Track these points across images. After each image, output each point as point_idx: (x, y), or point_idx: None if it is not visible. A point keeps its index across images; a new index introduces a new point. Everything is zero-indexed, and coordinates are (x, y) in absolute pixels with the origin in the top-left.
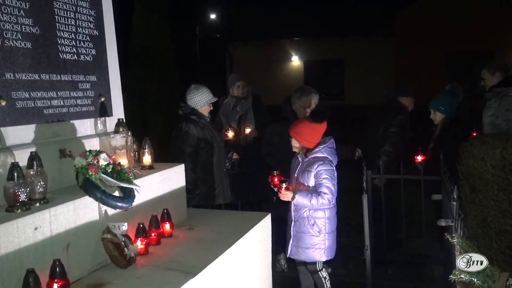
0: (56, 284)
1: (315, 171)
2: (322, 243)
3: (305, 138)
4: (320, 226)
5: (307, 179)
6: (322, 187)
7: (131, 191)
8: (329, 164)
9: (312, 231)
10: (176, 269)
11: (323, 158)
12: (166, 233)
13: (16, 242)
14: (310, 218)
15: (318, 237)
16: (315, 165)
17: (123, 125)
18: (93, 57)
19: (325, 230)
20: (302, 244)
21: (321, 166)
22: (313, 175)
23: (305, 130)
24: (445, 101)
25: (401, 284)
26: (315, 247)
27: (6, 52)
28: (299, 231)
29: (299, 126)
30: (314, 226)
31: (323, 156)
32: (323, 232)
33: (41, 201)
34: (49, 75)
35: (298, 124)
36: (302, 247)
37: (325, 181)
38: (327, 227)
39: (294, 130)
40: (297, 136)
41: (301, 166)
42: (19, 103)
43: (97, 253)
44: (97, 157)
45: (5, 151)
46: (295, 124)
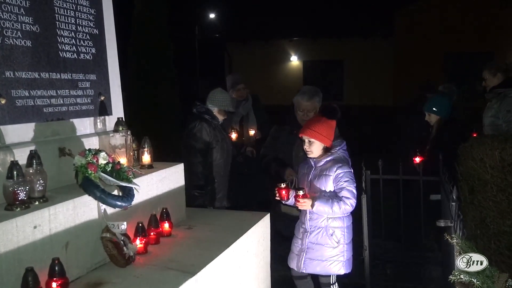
0: (55, 283)
1: (335, 174)
2: (341, 254)
3: (327, 136)
4: (339, 237)
5: (324, 184)
6: (343, 191)
7: (130, 190)
8: (348, 166)
9: (330, 242)
10: (175, 268)
11: (342, 160)
12: (165, 233)
13: (15, 240)
14: (328, 228)
15: (336, 248)
16: (334, 168)
17: (123, 124)
18: (93, 56)
19: (344, 240)
20: (318, 256)
21: (341, 168)
22: (332, 179)
23: (325, 128)
24: (438, 103)
25: (399, 285)
26: (333, 259)
27: (6, 50)
28: (314, 243)
29: (318, 125)
30: (333, 236)
31: (341, 158)
32: (342, 242)
33: (40, 199)
34: (49, 74)
35: (316, 124)
36: (318, 260)
37: (347, 184)
38: (346, 237)
39: (313, 130)
40: (319, 135)
41: (315, 171)
42: (19, 102)
43: (96, 252)
44: (97, 156)
45: (5, 150)
46: (312, 125)
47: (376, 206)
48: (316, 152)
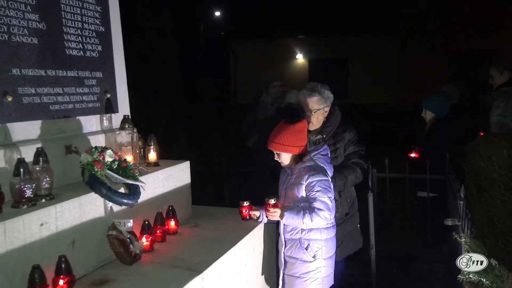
0: (62, 280)
1: (306, 182)
2: (317, 271)
3: (291, 144)
4: (314, 250)
5: (297, 193)
6: (315, 202)
7: (136, 188)
8: (323, 174)
9: (305, 256)
10: (181, 266)
11: (315, 167)
12: (171, 230)
13: (21, 238)
14: (303, 240)
15: (312, 264)
16: (306, 176)
17: (129, 121)
18: (99, 53)
19: (322, 255)
20: (293, 272)
21: (313, 176)
22: (304, 188)
23: (287, 136)
24: (435, 101)
25: (405, 284)
26: (309, 276)
27: (13, 47)
28: (290, 256)
29: (279, 136)
30: (309, 250)
31: (315, 165)
32: (319, 257)
33: (47, 197)
34: (55, 71)
35: (277, 134)
36: (293, 276)
37: (319, 194)
38: (324, 252)
39: (275, 142)
40: (282, 146)
41: (291, 179)
42: (25, 99)
43: (102, 250)
44: (103, 154)
45: (11, 147)
46: (274, 136)
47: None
48: (287, 162)
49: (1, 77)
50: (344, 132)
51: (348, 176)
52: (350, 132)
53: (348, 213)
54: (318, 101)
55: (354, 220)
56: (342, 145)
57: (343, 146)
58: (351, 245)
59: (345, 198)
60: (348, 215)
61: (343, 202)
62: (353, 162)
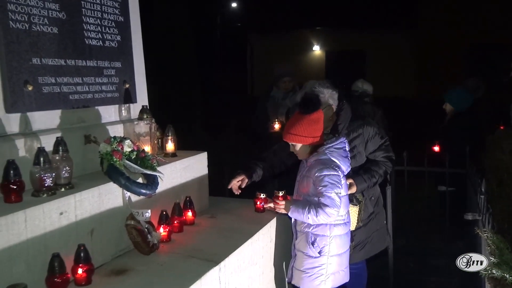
0: (81, 269)
1: (314, 177)
2: (321, 267)
3: (307, 135)
4: (320, 246)
5: (306, 187)
6: (322, 196)
7: (154, 178)
8: (333, 168)
9: (310, 251)
10: (198, 257)
11: (326, 161)
12: (189, 221)
13: (42, 226)
14: (310, 235)
15: (317, 260)
16: (314, 170)
17: (147, 112)
18: (118, 43)
19: (328, 252)
20: (299, 266)
21: (320, 171)
22: (312, 182)
23: (303, 126)
24: (455, 95)
25: (422, 278)
26: (313, 272)
27: (33, 37)
28: (298, 250)
29: (295, 126)
30: (315, 245)
31: (327, 159)
32: (325, 254)
33: (66, 186)
34: (74, 61)
35: (292, 125)
36: (298, 269)
37: (325, 189)
38: (330, 249)
39: (291, 133)
40: (297, 137)
41: (303, 171)
42: (45, 89)
43: (120, 239)
44: (122, 144)
45: (31, 136)
46: (289, 126)
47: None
48: (303, 153)
49: (22, 66)
50: (360, 127)
51: (379, 171)
52: (368, 127)
53: (373, 211)
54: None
55: (379, 218)
56: (361, 142)
57: (362, 143)
58: (377, 245)
59: (369, 196)
60: (373, 213)
61: (367, 202)
62: (383, 157)
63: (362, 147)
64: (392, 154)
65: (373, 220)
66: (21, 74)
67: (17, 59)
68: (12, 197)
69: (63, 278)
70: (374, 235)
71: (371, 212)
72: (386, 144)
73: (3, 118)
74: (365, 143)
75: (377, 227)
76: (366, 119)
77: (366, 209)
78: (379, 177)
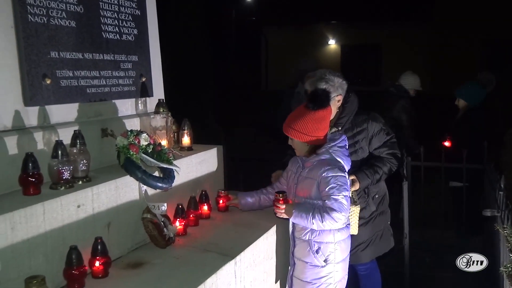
0: (98, 262)
1: (320, 178)
2: (329, 276)
3: (306, 133)
4: (326, 254)
5: (308, 190)
6: (328, 200)
7: (171, 172)
8: (339, 169)
9: (316, 261)
10: (214, 251)
11: (331, 161)
12: (204, 215)
13: (59, 219)
14: (312, 242)
15: (324, 269)
16: (319, 171)
17: (164, 105)
18: (135, 37)
19: (334, 259)
20: (302, 276)
21: (328, 172)
22: (317, 184)
23: (304, 122)
24: (468, 90)
25: (438, 274)
26: (321, 282)
27: (52, 30)
28: (299, 259)
29: (296, 120)
30: (319, 254)
31: (331, 159)
32: (332, 261)
33: (83, 179)
34: (92, 54)
35: (293, 118)
36: (302, 280)
37: (333, 191)
38: (336, 256)
39: (289, 126)
40: (295, 132)
41: (303, 172)
42: (63, 82)
43: (137, 233)
44: (138, 137)
45: (49, 129)
46: (290, 119)
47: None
48: (300, 150)
49: (40, 59)
50: (365, 122)
51: (383, 168)
52: (373, 122)
53: (376, 210)
54: None
55: (384, 218)
56: (364, 137)
57: (365, 138)
58: (381, 246)
59: (372, 194)
60: (375, 212)
61: (369, 200)
62: (388, 153)
63: (366, 143)
64: (397, 151)
65: (377, 219)
66: (39, 67)
67: (36, 53)
68: (31, 190)
69: (81, 271)
70: (379, 234)
71: (373, 211)
72: (392, 141)
73: (22, 111)
74: (369, 139)
75: (381, 227)
76: (371, 114)
77: (368, 208)
78: (382, 173)
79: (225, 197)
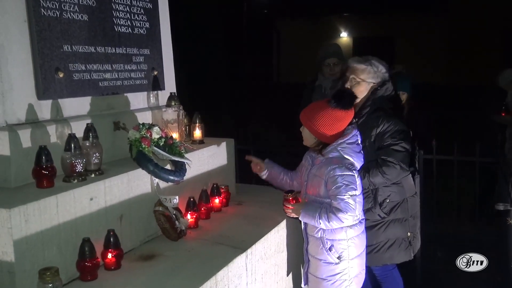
0: (111, 254)
1: (327, 177)
2: (343, 273)
3: (318, 128)
4: (339, 251)
5: (317, 188)
6: (334, 200)
7: (182, 165)
8: (347, 168)
9: (329, 258)
10: (225, 243)
11: (339, 159)
12: (215, 208)
13: (72, 211)
14: (325, 240)
15: (338, 266)
16: (327, 169)
17: (175, 99)
18: (147, 31)
19: (348, 256)
20: (317, 273)
21: (335, 170)
22: (324, 183)
23: (320, 117)
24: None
25: (449, 268)
26: (336, 279)
27: (64, 24)
28: (313, 256)
29: (313, 111)
30: (333, 251)
31: (339, 157)
32: (346, 258)
33: (96, 172)
34: (104, 48)
35: (312, 108)
36: (317, 277)
37: (338, 191)
38: (350, 252)
39: (305, 113)
40: (307, 122)
41: (311, 169)
42: (76, 75)
43: (149, 225)
44: (150, 131)
45: (62, 123)
46: (309, 107)
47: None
48: (307, 140)
49: (53, 53)
50: (378, 119)
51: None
52: (385, 121)
53: (387, 216)
54: (364, 71)
55: (399, 227)
56: (373, 134)
57: (374, 135)
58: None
59: (381, 198)
60: (387, 218)
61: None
62: (382, 159)
63: (373, 139)
64: (395, 161)
65: (389, 227)
66: (52, 61)
67: (49, 46)
68: (44, 182)
69: (93, 263)
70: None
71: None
72: (395, 149)
73: (35, 104)
74: (375, 137)
75: (394, 236)
76: (388, 112)
77: (373, 211)
78: (368, 182)
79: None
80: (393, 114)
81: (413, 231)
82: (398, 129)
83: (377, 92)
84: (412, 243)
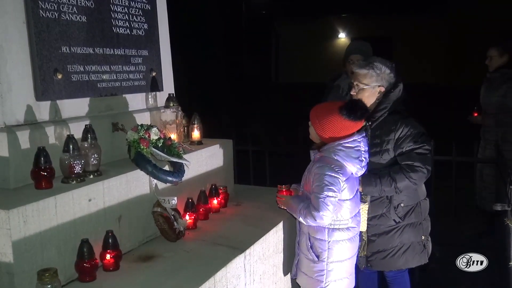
0: (109, 255)
1: (313, 173)
2: (320, 273)
3: (323, 129)
4: (318, 251)
5: (309, 184)
6: (312, 197)
7: (181, 166)
8: (333, 169)
9: (309, 255)
10: (224, 244)
11: (328, 160)
12: (214, 209)
13: (71, 212)
14: (308, 236)
15: (316, 265)
16: (315, 166)
17: (174, 100)
18: (145, 32)
19: (327, 258)
20: (301, 267)
21: (321, 169)
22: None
23: (328, 119)
24: None
25: (447, 268)
26: (313, 276)
27: (63, 25)
28: (301, 250)
29: (323, 111)
30: (313, 249)
31: (329, 157)
32: (324, 260)
33: (94, 173)
34: (102, 49)
35: (322, 108)
36: (300, 270)
37: (318, 189)
38: (329, 255)
39: (314, 111)
40: (314, 120)
41: (310, 165)
42: (74, 77)
43: (148, 226)
44: (149, 132)
45: (61, 124)
46: (319, 106)
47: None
48: (312, 136)
49: (52, 54)
50: (397, 122)
51: (398, 182)
52: (403, 125)
53: (402, 221)
54: (366, 76)
55: (414, 231)
56: (391, 139)
57: (392, 140)
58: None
59: (396, 202)
60: (402, 223)
61: (390, 207)
62: (406, 164)
63: (391, 145)
64: (421, 165)
65: (404, 231)
66: (51, 62)
67: (47, 48)
68: (43, 184)
69: (92, 263)
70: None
71: (397, 221)
72: (419, 152)
73: (34, 106)
74: (394, 142)
75: (409, 240)
76: (404, 114)
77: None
78: (394, 188)
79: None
80: (409, 116)
81: (426, 234)
82: (418, 131)
83: (389, 95)
84: (426, 246)
